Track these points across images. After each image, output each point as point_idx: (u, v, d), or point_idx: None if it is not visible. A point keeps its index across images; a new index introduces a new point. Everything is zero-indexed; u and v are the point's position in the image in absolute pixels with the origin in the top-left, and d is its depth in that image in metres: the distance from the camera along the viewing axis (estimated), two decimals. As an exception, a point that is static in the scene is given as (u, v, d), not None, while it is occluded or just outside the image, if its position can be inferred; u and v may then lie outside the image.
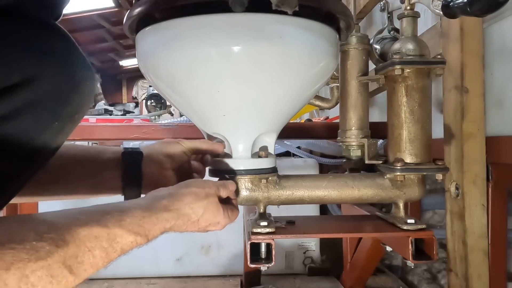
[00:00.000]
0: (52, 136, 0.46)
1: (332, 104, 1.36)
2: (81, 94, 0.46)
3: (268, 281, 1.37)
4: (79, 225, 0.43)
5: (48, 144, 0.47)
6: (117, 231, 0.46)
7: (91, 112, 3.89)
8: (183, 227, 0.58)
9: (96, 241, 0.43)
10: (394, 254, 1.53)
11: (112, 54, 7.78)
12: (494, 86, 0.91)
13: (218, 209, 0.62)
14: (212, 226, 0.63)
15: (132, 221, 0.49)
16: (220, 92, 0.65)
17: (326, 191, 0.76)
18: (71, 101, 0.45)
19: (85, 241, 0.42)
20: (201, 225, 0.60)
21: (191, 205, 0.58)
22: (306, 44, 0.64)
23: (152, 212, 0.52)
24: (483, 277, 0.88)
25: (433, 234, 0.71)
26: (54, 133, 0.46)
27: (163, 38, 0.64)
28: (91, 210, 0.48)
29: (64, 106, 0.45)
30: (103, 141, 2.05)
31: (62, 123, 0.46)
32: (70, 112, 0.46)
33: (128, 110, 6.73)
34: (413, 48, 0.75)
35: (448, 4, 0.62)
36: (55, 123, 0.45)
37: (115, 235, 0.46)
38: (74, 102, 0.46)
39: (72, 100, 0.45)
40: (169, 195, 0.58)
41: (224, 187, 0.66)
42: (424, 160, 0.76)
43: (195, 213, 0.58)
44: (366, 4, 1.28)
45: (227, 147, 0.73)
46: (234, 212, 0.67)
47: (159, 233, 0.53)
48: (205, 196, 0.60)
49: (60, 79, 0.43)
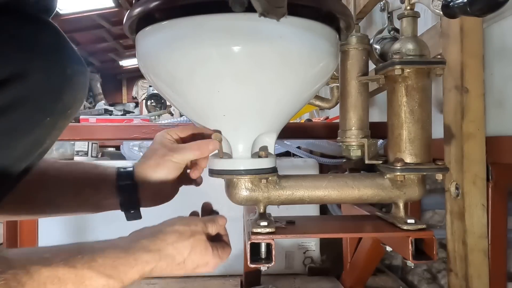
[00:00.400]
0: (44, 133, 0.45)
1: (332, 104, 1.36)
2: (73, 89, 0.45)
3: (268, 281, 1.37)
4: (42, 264, 0.39)
5: (41, 141, 0.45)
6: (86, 272, 0.42)
7: (91, 112, 3.89)
8: (167, 269, 0.54)
9: (59, 283, 0.40)
10: (394, 254, 1.53)
11: (112, 54, 7.77)
12: (494, 86, 0.91)
13: (206, 248, 0.57)
14: (201, 268, 0.58)
15: (105, 262, 0.45)
16: (220, 92, 0.65)
17: (326, 191, 0.76)
18: (63, 96, 0.44)
19: (46, 282, 0.39)
20: (188, 267, 0.56)
21: (175, 244, 0.54)
22: (306, 44, 0.64)
23: (130, 253, 0.48)
24: (483, 277, 0.88)
25: (433, 234, 0.71)
26: (46, 129, 0.45)
27: (163, 38, 0.64)
28: (61, 248, 0.45)
29: (56, 101, 0.44)
30: (103, 141, 2.06)
31: (55, 119, 0.45)
32: (63, 108, 0.45)
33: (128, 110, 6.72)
34: (413, 48, 0.75)
35: (448, 4, 0.62)
36: (47, 119, 0.43)
37: (83, 277, 0.42)
38: (66, 97, 0.44)
39: (64, 95, 0.44)
40: (151, 234, 0.54)
41: (213, 222, 0.61)
42: (424, 160, 0.76)
43: (180, 254, 0.54)
44: (366, 4, 1.28)
45: (227, 147, 0.73)
46: (226, 250, 0.62)
47: (137, 277, 0.49)
48: (191, 234, 0.56)
49: (52, 74, 0.42)
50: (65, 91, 0.44)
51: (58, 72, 0.43)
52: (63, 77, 0.43)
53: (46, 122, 0.44)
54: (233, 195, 0.74)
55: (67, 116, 0.47)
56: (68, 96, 0.45)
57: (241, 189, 0.73)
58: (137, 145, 1.79)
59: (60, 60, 0.44)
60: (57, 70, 0.43)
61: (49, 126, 0.44)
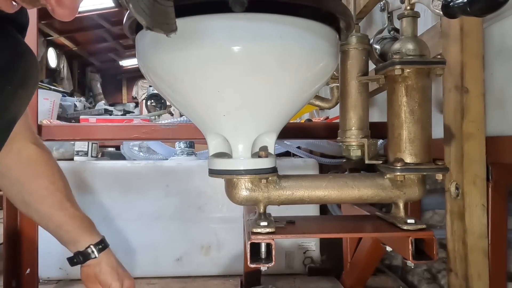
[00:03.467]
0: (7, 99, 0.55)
1: (332, 104, 1.36)
2: (26, 63, 0.57)
3: (268, 281, 1.37)
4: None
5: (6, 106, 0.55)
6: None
7: (91, 112, 3.89)
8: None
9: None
10: (394, 254, 1.53)
11: (112, 54, 7.77)
12: (494, 86, 0.91)
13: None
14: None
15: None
16: (220, 92, 0.65)
17: (326, 191, 0.76)
18: (19, 68, 0.56)
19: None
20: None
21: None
22: (306, 44, 0.64)
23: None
24: (483, 277, 0.88)
25: (433, 234, 0.71)
26: (9, 96, 0.55)
27: (163, 38, 0.64)
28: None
29: (14, 72, 0.55)
30: (103, 141, 2.06)
31: (15, 87, 0.55)
32: (20, 78, 0.56)
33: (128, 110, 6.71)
34: (413, 48, 0.75)
35: (448, 4, 0.62)
36: (8, 87, 0.54)
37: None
38: (21, 69, 0.56)
39: (19, 68, 0.56)
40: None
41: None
42: (424, 160, 0.76)
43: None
44: (366, 4, 1.28)
45: (227, 147, 0.73)
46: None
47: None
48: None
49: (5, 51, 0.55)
50: (19, 65, 0.56)
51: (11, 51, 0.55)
52: (14, 53, 0.56)
53: (9, 90, 0.54)
54: (233, 195, 0.74)
55: (26, 87, 0.58)
56: (23, 68, 0.56)
57: (241, 189, 0.73)
58: (137, 145, 1.79)
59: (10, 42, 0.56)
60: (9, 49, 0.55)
61: (11, 93, 0.55)
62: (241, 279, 1.40)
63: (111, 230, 1.46)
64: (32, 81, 0.59)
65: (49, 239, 0.81)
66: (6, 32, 0.57)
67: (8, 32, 0.57)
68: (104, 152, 2.16)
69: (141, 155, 1.75)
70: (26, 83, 0.57)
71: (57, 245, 0.80)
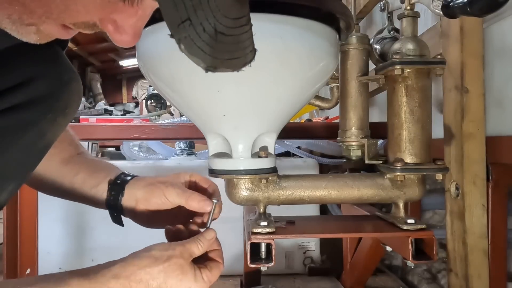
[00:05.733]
0: (46, 126, 0.53)
1: (332, 104, 1.36)
2: (69, 92, 0.55)
3: (268, 281, 1.37)
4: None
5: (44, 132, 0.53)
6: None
7: (91, 112, 3.89)
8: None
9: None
10: (394, 254, 1.53)
11: (112, 54, 7.77)
12: (494, 86, 0.91)
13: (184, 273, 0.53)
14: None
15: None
16: (220, 92, 0.65)
17: (326, 191, 0.76)
18: (62, 96, 0.53)
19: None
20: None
21: (147, 269, 0.51)
22: (306, 44, 0.64)
23: (96, 282, 0.48)
24: (483, 277, 0.88)
25: (433, 234, 0.71)
26: (48, 123, 0.53)
27: (163, 38, 0.63)
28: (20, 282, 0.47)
29: (56, 100, 0.53)
30: (103, 141, 2.06)
31: (54, 115, 0.53)
32: (61, 106, 0.54)
33: (128, 110, 6.72)
34: (413, 48, 0.75)
35: (448, 4, 0.62)
36: (49, 115, 0.52)
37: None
38: (64, 97, 0.54)
39: (62, 96, 0.53)
40: (123, 260, 0.53)
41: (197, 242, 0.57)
42: (424, 160, 0.76)
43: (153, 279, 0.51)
44: (366, 4, 1.28)
45: (227, 147, 0.73)
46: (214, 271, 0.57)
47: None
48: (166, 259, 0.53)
49: (51, 80, 0.52)
50: (63, 93, 0.54)
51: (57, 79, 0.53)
52: (59, 83, 0.53)
53: (48, 117, 0.52)
54: (233, 195, 0.74)
55: (66, 115, 0.55)
56: (66, 97, 0.54)
57: (241, 189, 0.73)
58: (137, 145, 1.79)
59: (57, 69, 0.54)
60: (56, 77, 0.53)
61: (51, 120, 0.53)
62: (241, 279, 1.40)
63: (111, 230, 1.46)
64: (73, 109, 0.56)
65: (49, 239, 0.81)
66: (55, 57, 0.54)
67: (57, 57, 0.55)
68: (104, 152, 2.16)
69: (141, 155, 1.75)
70: (66, 112, 0.55)
71: (57, 245, 0.80)
